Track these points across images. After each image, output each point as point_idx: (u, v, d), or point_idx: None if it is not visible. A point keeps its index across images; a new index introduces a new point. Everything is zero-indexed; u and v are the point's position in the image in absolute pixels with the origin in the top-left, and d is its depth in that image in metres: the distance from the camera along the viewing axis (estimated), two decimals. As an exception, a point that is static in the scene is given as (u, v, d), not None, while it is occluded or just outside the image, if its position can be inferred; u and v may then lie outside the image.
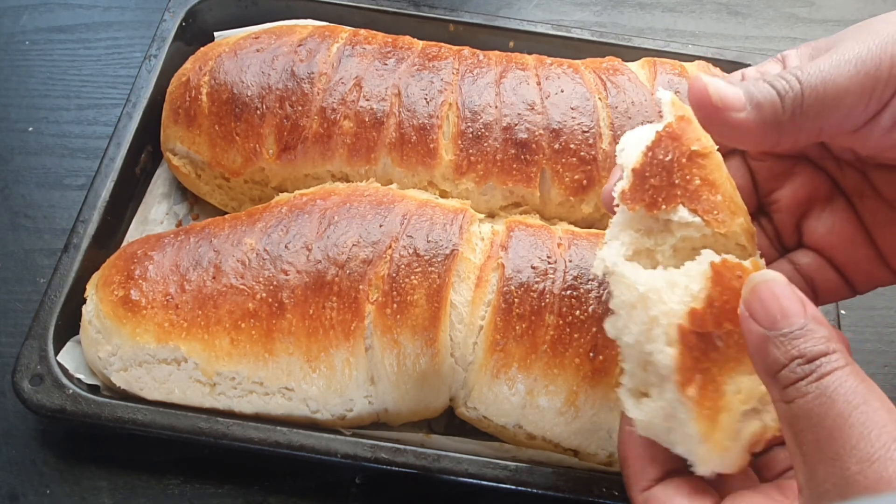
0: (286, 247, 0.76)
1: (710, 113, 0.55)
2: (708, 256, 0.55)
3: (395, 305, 0.73)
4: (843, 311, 0.89)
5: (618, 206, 0.60)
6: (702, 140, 0.58)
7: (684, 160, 0.56)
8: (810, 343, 0.47)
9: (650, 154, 0.58)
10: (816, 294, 0.65)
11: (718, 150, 0.58)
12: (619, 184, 0.60)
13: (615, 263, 0.58)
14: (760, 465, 0.59)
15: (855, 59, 0.53)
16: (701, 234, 0.57)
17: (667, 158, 0.57)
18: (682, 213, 0.56)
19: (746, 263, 0.54)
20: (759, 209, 0.68)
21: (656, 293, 0.54)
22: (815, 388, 0.46)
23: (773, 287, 0.50)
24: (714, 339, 0.52)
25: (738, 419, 0.53)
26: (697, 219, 0.56)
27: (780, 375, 0.48)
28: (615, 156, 0.85)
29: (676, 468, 0.57)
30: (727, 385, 0.53)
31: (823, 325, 0.49)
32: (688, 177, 0.56)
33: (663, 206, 0.57)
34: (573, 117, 0.86)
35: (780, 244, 0.67)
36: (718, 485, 0.56)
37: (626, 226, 0.60)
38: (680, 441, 0.54)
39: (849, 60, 0.54)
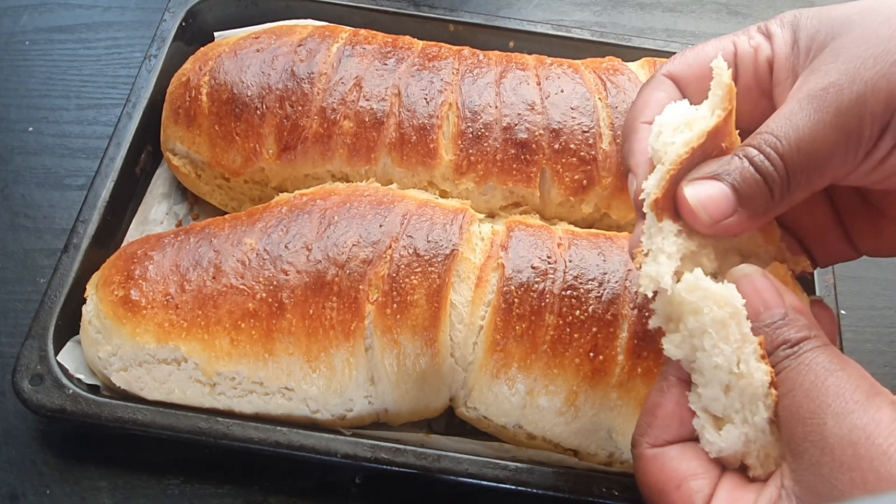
0: (286, 247, 0.76)
1: (702, 229, 0.54)
2: (748, 269, 0.54)
3: (395, 305, 0.73)
4: (843, 311, 0.89)
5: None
6: (733, 136, 0.55)
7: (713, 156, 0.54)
8: (793, 330, 0.51)
9: (692, 156, 0.53)
10: None
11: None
12: (651, 186, 0.55)
13: (698, 279, 0.53)
14: None
15: (835, 121, 0.51)
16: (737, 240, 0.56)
17: (701, 160, 0.54)
18: None
19: (771, 268, 0.55)
20: None
21: (743, 311, 0.52)
22: (794, 362, 0.50)
23: (754, 280, 0.53)
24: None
25: None
26: None
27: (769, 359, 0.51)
28: (615, 155, 0.85)
29: (693, 436, 0.56)
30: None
31: (802, 313, 0.53)
32: None
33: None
34: (573, 117, 0.86)
35: None
36: None
37: (665, 231, 0.55)
38: (759, 463, 0.52)
39: (828, 123, 0.51)
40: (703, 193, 0.52)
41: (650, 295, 0.55)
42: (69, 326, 0.79)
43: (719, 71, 0.53)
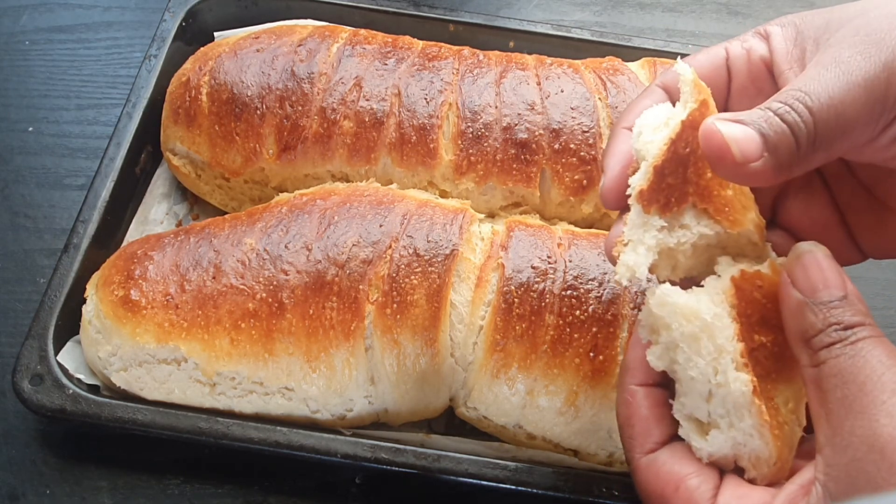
0: (286, 247, 0.76)
1: (728, 167, 0.51)
2: (726, 269, 0.54)
3: (395, 305, 0.73)
4: (843, 311, 0.89)
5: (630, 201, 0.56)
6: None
7: (700, 152, 0.53)
8: (849, 313, 0.49)
9: (672, 149, 0.53)
10: None
11: None
12: (637, 180, 0.55)
13: (666, 294, 0.54)
14: None
15: (864, 83, 0.50)
16: (715, 232, 0.55)
17: (685, 151, 0.53)
18: (692, 216, 0.54)
19: (764, 268, 0.54)
20: None
21: (718, 318, 0.52)
22: (849, 350, 0.47)
23: (819, 258, 0.51)
24: (758, 355, 0.52)
25: (794, 430, 0.52)
26: (708, 222, 0.54)
27: (814, 340, 0.49)
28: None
29: (677, 433, 0.55)
30: (777, 398, 0.52)
31: (862, 302, 0.50)
32: (700, 170, 0.53)
33: (675, 208, 0.54)
34: (573, 117, 0.86)
35: None
36: None
37: (647, 225, 0.55)
38: (752, 464, 0.52)
39: (858, 84, 0.50)
40: (733, 131, 0.50)
41: (625, 283, 0.55)
42: (69, 326, 0.79)
43: (682, 70, 0.54)
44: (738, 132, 0.50)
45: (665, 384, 0.57)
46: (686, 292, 0.54)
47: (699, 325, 0.52)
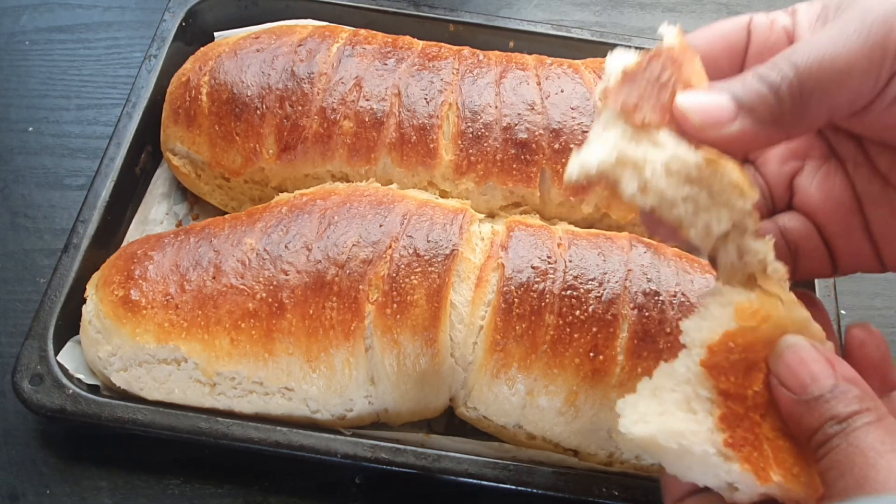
0: (286, 247, 0.76)
1: (698, 134, 0.50)
2: (690, 338, 0.52)
3: (395, 305, 0.73)
4: (843, 311, 0.89)
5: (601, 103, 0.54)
6: (701, 82, 0.53)
7: (680, 88, 0.51)
8: (842, 404, 0.47)
9: (647, 63, 0.51)
10: (798, 265, 0.61)
11: None
12: (600, 84, 0.54)
13: (627, 431, 0.52)
14: None
15: (859, 30, 0.48)
16: (694, 162, 0.51)
17: (663, 77, 0.51)
18: (670, 138, 0.51)
19: (726, 318, 0.52)
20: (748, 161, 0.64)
21: (686, 438, 0.50)
22: (844, 442, 0.46)
23: (800, 352, 0.50)
24: (751, 412, 0.51)
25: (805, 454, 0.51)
26: (687, 149, 0.51)
27: (814, 439, 0.48)
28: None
29: None
30: (779, 428, 0.51)
31: (856, 383, 0.48)
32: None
33: (648, 121, 0.51)
34: (573, 117, 0.86)
35: (770, 201, 0.63)
36: None
37: (609, 125, 0.53)
38: (788, 500, 0.50)
39: (854, 30, 0.48)
40: (695, 99, 0.50)
41: (573, 179, 0.53)
42: (69, 326, 0.79)
43: (661, 31, 0.54)
44: (703, 99, 0.49)
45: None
46: (649, 416, 0.52)
47: (672, 452, 0.51)
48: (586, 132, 0.85)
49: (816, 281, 0.86)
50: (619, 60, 0.54)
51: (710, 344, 0.51)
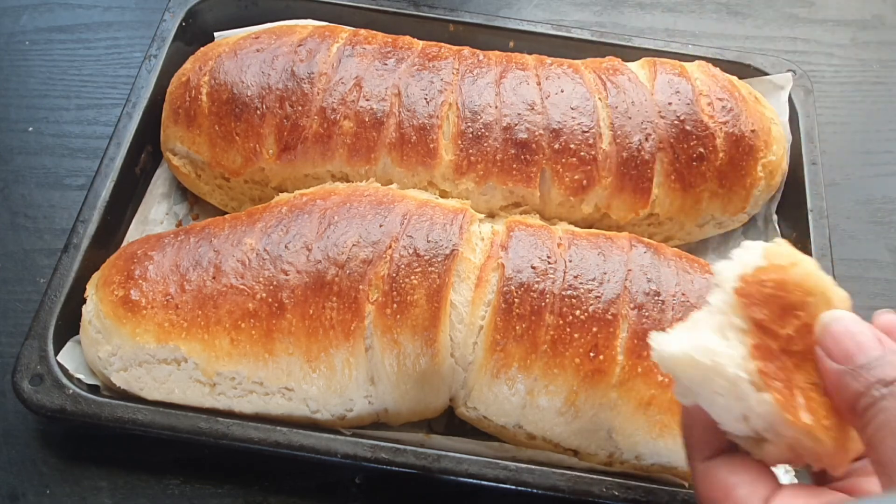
0: (286, 247, 0.76)
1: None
2: (724, 278, 0.53)
3: (395, 305, 0.73)
4: (843, 311, 0.89)
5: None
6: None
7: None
8: (889, 368, 0.48)
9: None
10: None
11: None
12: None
13: (661, 347, 0.53)
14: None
15: None
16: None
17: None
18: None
19: (756, 257, 0.53)
20: None
21: (720, 356, 0.51)
22: (892, 402, 0.46)
23: (847, 324, 0.50)
24: (782, 353, 0.51)
25: (841, 418, 0.51)
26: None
27: (859, 403, 0.48)
28: (615, 155, 0.85)
29: (776, 481, 0.54)
30: (813, 383, 0.51)
31: None
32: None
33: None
34: (573, 117, 0.86)
35: None
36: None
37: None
38: (816, 459, 0.51)
39: None
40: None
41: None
42: (69, 326, 0.79)
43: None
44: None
45: (724, 448, 0.56)
46: (682, 334, 0.53)
47: (704, 369, 0.51)
48: (586, 132, 0.85)
49: (816, 281, 0.86)
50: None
51: (744, 275, 0.52)
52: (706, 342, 0.52)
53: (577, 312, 0.73)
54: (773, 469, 0.55)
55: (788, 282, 0.52)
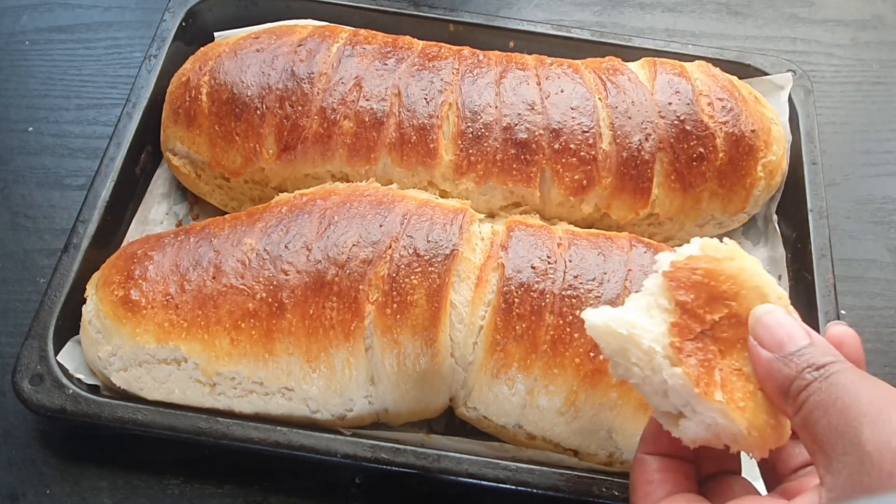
0: (286, 247, 0.76)
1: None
2: (661, 264, 0.56)
3: (395, 305, 0.73)
4: (843, 312, 0.89)
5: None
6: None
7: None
8: (818, 353, 0.51)
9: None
10: None
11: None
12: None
13: (589, 317, 0.57)
14: (776, 460, 0.59)
15: None
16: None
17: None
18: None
19: (694, 248, 0.56)
20: None
21: (637, 328, 0.55)
22: (825, 384, 0.50)
23: (778, 316, 0.54)
24: (705, 337, 0.54)
25: (759, 394, 0.54)
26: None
27: (791, 388, 0.51)
28: (615, 155, 0.85)
29: (681, 489, 0.58)
30: (737, 369, 0.54)
31: (829, 345, 0.53)
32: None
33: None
34: (573, 117, 0.86)
35: None
36: (721, 492, 0.57)
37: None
38: (731, 440, 0.54)
39: None
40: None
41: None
42: (69, 326, 0.79)
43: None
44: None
45: (679, 455, 0.59)
46: (609, 309, 0.57)
47: (621, 340, 0.55)
48: (586, 132, 0.85)
49: (817, 281, 0.86)
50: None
51: (676, 261, 0.56)
52: (627, 315, 0.56)
53: (578, 312, 0.73)
54: (753, 483, 0.58)
55: (720, 273, 0.55)
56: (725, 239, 0.58)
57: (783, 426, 0.54)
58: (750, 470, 0.61)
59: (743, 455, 0.58)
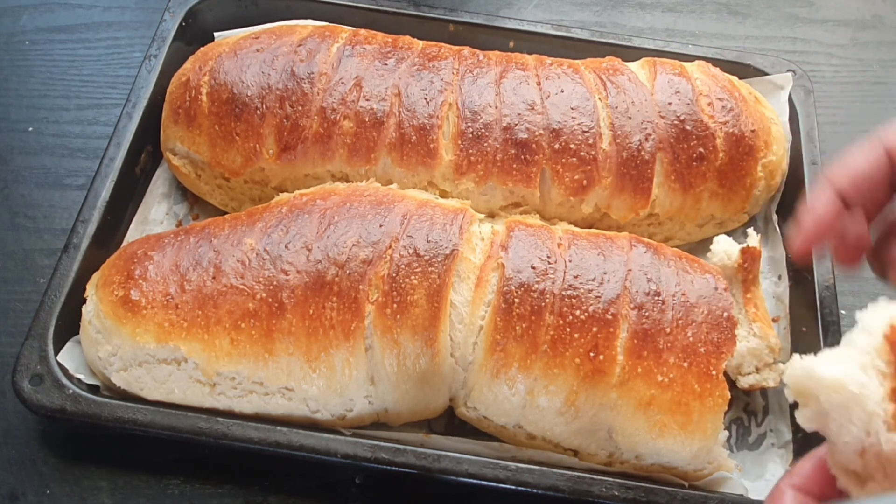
0: (286, 247, 0.76)
1: None
2: (871, 323, 0.55)
3: (395, 305, 0.73)
4: (843, 312, 0.89)
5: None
6: None
7: None
8: None
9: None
10: None
11: None
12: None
13: (811, 367, 0.55)
14: None
15: None
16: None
17: None
18: None
19: None
20: None
21: (865, 388, 0.53)
22: None
23: None
24: None
25: None
26: None
27: None
28: (615, 155, 0.85)
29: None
30: None
31: None
32: None
33: None
34: (573, 117, 0.86)
35: None
36: None
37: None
38: None
39: None
40: None
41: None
42: (69, 326, 0.79)
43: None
44: None
45: (822, 500, 0.58)
46: (831, 362, 0.55)
47: (848, 397, 0.53)
48: (586, 132, 0.85)
49: (817, 281, 0.86)
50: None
51: (893, 322, 0.54)
52: (856, 373, 0.54)
53: (578, 312, 0.73)
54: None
55: None
56: None
57: None
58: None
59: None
